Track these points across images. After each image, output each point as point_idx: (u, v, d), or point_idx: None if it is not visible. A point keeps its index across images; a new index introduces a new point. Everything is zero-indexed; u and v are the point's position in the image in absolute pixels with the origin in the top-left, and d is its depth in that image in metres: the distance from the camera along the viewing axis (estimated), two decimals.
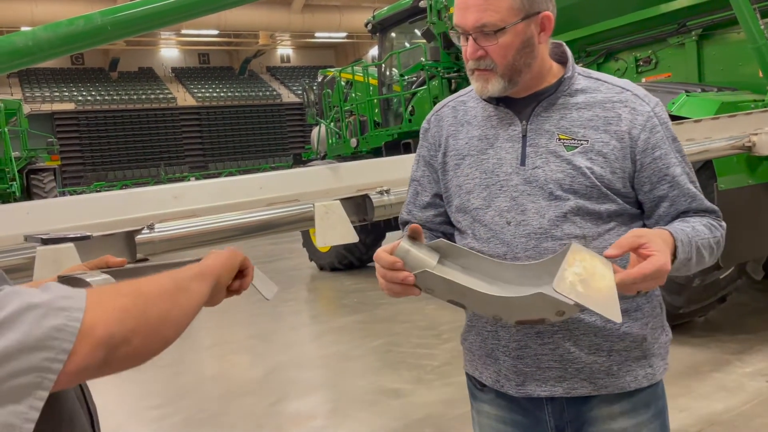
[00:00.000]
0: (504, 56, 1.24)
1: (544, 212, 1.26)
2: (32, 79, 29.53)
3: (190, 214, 1.64)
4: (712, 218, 1.31)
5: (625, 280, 1.07)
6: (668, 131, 1.30)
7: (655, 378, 1.33)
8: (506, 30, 1.22)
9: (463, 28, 1.25)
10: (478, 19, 1.22)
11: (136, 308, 0.76)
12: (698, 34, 4.95)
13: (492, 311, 1.13)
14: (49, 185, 12.43)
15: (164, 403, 4.11)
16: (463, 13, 1.24)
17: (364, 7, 28.27)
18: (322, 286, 7.67)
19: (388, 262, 1.14)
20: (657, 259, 1.08)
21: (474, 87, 1.31)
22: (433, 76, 7.06)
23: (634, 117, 1.27)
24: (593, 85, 1.32)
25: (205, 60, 35.55)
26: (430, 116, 1.47)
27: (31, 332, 0.66)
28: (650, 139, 1.27)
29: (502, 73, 1.26)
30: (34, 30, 1.77)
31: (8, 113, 13.12)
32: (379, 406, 3.75)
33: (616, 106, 1.28)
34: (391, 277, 1.15)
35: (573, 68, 1.33)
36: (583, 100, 1.30)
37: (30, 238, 1.33)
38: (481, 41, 1.24)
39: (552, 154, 1.27)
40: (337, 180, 2.04)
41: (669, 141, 1.29)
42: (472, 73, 1.29)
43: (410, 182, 1.50)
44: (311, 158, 9.82)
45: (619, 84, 1.33)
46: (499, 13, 1.21)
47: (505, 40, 1.23)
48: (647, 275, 1.07)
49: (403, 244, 1.15)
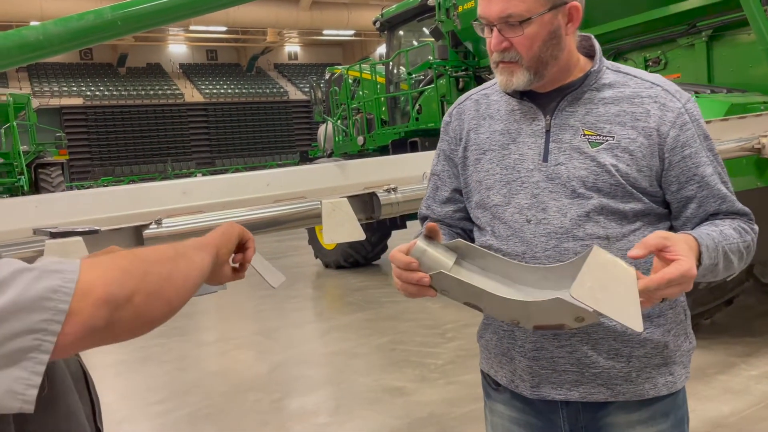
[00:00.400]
0: (530, 48, 1.20)
1: (565, 211, 1.22)
2: (41, 74, 29.66)
3: (198, 209, 1.64)
4: (743, 221, 1.25)
5: (649, 285, 1.02)
6: (700, 129, 1.24)
7: (676, 386, 1.29)
8: (532, 20, 1.17)
9: (488, 18, 1.21)
10: (503, 9, 1.18)
11: (134, 269, 0.74)
12: (708, 35, 4.92)
13: (509, 315, 1.10)
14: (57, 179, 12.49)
15: (168, 398, 4.12)
16: (487, 3, 1.20)
17: (372, 5, 28.25)
18: (327, 284, 7.68)
19: (404, 262, 1.12)
20: (681, 264, 1.03)
21: (498, 80, 1.26)
22: (441, 74, 7.05)
23: (664, 113, 1.21)
24: (622, 80, 1.27)
25: (212, 56, 35.63)
26: (452, 109, 1.42)
27: (24, 293, 0.64)
28: (680, 137, 1.21)
29: (527, 65, 1.21)
30: (44, 24, 1.77)
31: (17, 107, 13.19)
32: (382, 404, 3.75)
33: (645, 102, 1.23)
34: (406, 278, 1.12)
35: (601, 62, 1.27)
36: (611, 94, 1.25)
37: (39, 231, 1.33)
38: (505, 32, 1.19)
39: (576, 150, 1.23)
40: (344, 177, 2.04)
41: (700, 139, 1.23)
42: (497, 66, 1.25)
43: (430, 176, 1.46)
44: (318, 156, 9.83)
45: (649, 79, 1.27)
46: (526, 3, 1.17)
47: (531, 31, 1.18)
48: (672, 280, 1.02)
49: (420, 243, 1.12)
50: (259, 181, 1.86)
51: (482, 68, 6.95)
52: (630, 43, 5.46)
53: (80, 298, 0.67)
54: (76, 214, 1.55)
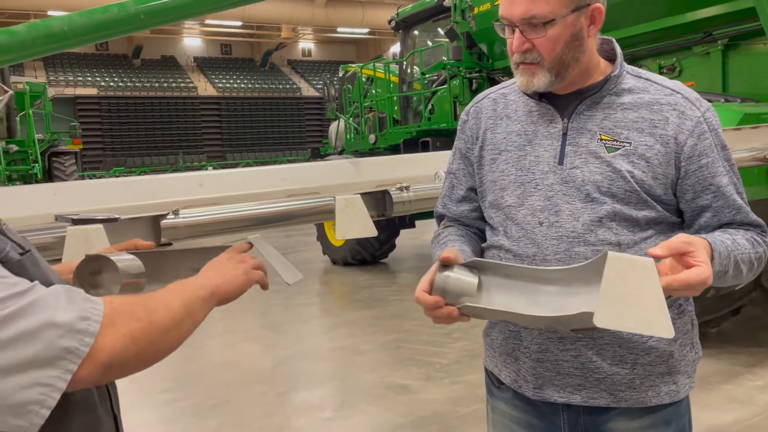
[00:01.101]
0: (552, 49, 1.19)
1: (578, 215, 1.22)
2: (56, 63, 29.88)
3: (213, 201, 1.68)
4: (756, 233, 1.25)
5: (671, 285, 1.03)
6: (718, 138, 1.23)
7: (679, 395, 1.28)
8: (555, 22, 1.17)
9: (510, 19, 1.20)
10: (526, 10, 1.17)
11: (144, 337, 0.80)
12: (724, 44, 4.92)
13: (544, 326, 1.11)
14: (70, 168, 12.60)
15: (175, 387, 4.17)
16: (510, 4, 1.19)
17: (388, 4, 28.27)
18: (335, 280, 7.71)
19: (430, 303, 1.12)
20: (703, 271, 1.04)
21: (518, 81, 1.26)
22: (455, 75, 7.06)
23: (682, 121, 1.21)
24: (642, 85, 1.26)
25: (227, 51, 35.76)
26: (469, 108, 1.42)
27: (46, 351, 0.70)
28: (697, 146, 1.20)
29: (549, 67, 1.21)
30: (70, 15, 1.81)
31: (33, 96, 13.30)
32: (386, 401, 3.78)
33: (664, 109, 1.22)
34: (436, 316, 1.13)
35: (622, 66, 1.27)
36: (630, 100, 1.24)
37: (60, 217, 1.37)
38: (528, 33, 1.19)
39: (591, 154, 1.22)
40: (357, 175, 2.07)
41: (718, 149, 1.22)
42: (517, 67, 1.24)
43: (446, 175, 1.46)
44: (328, 153, 9.87)
45: (670, 86, 1.26)
46: (549, 5, 1.16)
47: (554, 32, 1.18)
48: (691, 285, 1.04)
49: (439, 276, 1.12)
50: (274, 176, 1.90)
51: (496, 70, 6.96)
52: (645, 49, 5.46)
53: (87, 361, 0.74)
54: (96, 202, 1.59)
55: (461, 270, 1.13)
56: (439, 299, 1.11)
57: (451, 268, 1.13)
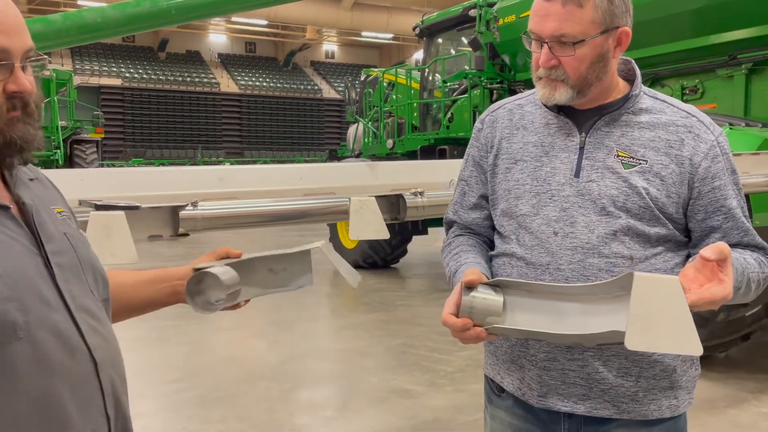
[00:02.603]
0: (577, 68, 1.22)
1: (593, 227, 1.24)
2: (83, 52, 30.27)
3: (233, 196, 1.71)
4: (762, 254, 1.29)
5: (697, 303, 1.05)
6: (729, 162, 1.28)
7: (679, 410, 1.31)
8: (585, 42, 1.19)
9: (539, 35, 1.22)
10: (557, 28, 1.19)
11: None
12: (748, 68, 4.90)
13: (570, 342, 1.14)
14: (91, 156, 12.76)
15: (182, 378, 4.22)
16: (541, 20, 1.21)
17: (413, 10, 28.33)
18: (344, 282, 7.68)
19: (458, 326, 1.14)
20: (726, 287, 1.07)
21: (539, 93, 1.28)
22: (476, 85, 7.09)
23: (698, 144, 1.25)
24: (658, 106, 1.30)
25: (251, 49, 36.06)
26: (485, 116, 1.44)
27: None
28: (711, 168, 1.25)
29: (573, 84, 1.24)
30: (103, 8, 1.86)
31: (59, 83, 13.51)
32: (389, 404, 3.80)
33: (680, 131, 1.26)
34: (464, 338, 1.15)
35: (640, 86, 1.30)
36: (647, 119, 1.28)
37: (84, 202, 1.41)
38: (556, 50, 1.21)
39: (608, 169, 1.25)
40: (373, 177, 2.10)
41: (728, 172, 1.27)
42: (539, 80, 1.26)
43: (458, 182, 1.48)
44: (346, 155, 9.92)
45: (685, 109, 1.30)
46: (581, 25, 1.19)
47: (582, 52, 1.20)
48: (716, 302, 1.07)
49: (465, 298, 1.14)
50: (293, 174, 1.93)
51: (517, 82, 6.98)
52: (669, 69, 5.46)
53: None
54: (119, 189, 1.63)
55: (485, 289, 1.15)
56: (468, 321, 1.13)
57: (476, 288, 1.15)
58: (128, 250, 1.35)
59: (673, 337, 0.99)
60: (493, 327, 1.12)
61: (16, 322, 0.83)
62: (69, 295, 0.92)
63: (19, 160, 0.94)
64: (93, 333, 0.93)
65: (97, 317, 0.96)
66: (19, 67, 0.91)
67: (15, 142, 0.92)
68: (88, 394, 0.91)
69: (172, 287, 1.24)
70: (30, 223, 0.93)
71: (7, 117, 0.91)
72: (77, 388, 0.89)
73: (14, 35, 0.91)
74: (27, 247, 0.90)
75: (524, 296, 1.16)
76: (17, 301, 0.84)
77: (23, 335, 0.84)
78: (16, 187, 0.96)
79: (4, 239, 0.88)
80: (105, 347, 0.95)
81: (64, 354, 0.88)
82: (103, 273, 1.04)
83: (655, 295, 1.00)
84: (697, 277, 1.08)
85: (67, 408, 0.88)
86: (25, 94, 0.92)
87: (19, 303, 0.84)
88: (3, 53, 0.90)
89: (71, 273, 0.95)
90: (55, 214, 1.01)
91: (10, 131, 0.91)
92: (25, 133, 0.92)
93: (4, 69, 0.90)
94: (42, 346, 0.86)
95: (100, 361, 0.93)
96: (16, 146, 0.92)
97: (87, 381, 0.91)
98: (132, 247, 1.36)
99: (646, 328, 0.98)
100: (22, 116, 0.92)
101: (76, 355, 0.90)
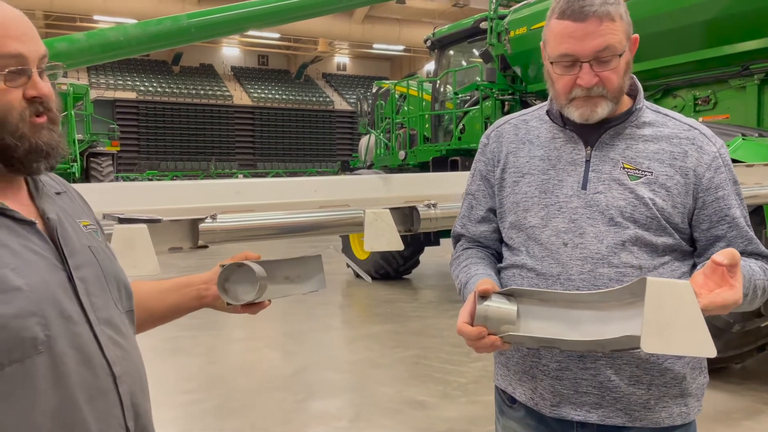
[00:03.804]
0: (616, 80, 1.25)
1: (602, 237, 1.27)
2: (98, 66, 30.67)
3: (250, 208, 1.75)
4: (765, 262, 1.31)
5: (708, 306, 1.07)
6: (731, 173, 1.32)
7: (689, 417, 1.32)
8: (624, 52, 1.23)
9: (578, 56, 1.22)
10: (601, 44, 1.21)
11: None
12: (761, 79, 4.89)
13: (584, 349, 1.16)
14: (107, 169, 12.92)
15: (197, 389, 4.26)
16: (578, 40, 1.21)
17: (424, 23, 28.51)
18: (357, 293, 7.77)
19: (474, 335, 1.15)
20: (736, 292, 1.09)
21: (575, 113, 1.28)
22: (487, 96, 7.12)
23: (701, 156, 1.29)
24: (661, 120, 1.34)
25: (264, 62, 36.40)
26: (490, 132, 1.48)
27: None
28: (714, 179, 1.29)
29: (612, 97, 1.26)
30: (125, 26, 1.92)
31: (76, 97, 13.72)
32: (402, 416, 3.80)
33: (683, 143, 1.30)
34: (479, 346, 1.16)
35: (643, 100, 1.34)
36: (651, 132, 1.31)
37: (108, 216, 1.46)
38: (596, 67, 1.23)
39: (615, 181, 1.28)
40: (387, 190, 2.13)
41: (731, 183, 1.31)
42: (571, 101, 1.27)
43: (465, 196, 1.50)
44: (358, 167, 9.97)
45: (687, 122, 1.34)
46: (617, 35, 1.22)
47: (620, 63, 1.24)
48: (727, 306, 1.09)
49: (480, 307, 1.15)
50: (308, 187, 1.97)
51: (529, 93, 7.01)
52: (681, 80, 5.45)
53: None
54: (140, 203, 1.67)
55: (499, 298, 1.17)
56: (482, 330, 1.14)
57: (490, 298, 1.16)
58: (150, 261, 1.39)
59: (688, 339, 1.01)
60: (508, 335, 1.14)
61: (37, 337, 0.85)
62: (91, 310, 0.93)
63: (46, 166, 0.94)
64: (113, 346, 0.94)
65: (119, 330, 0.98)
66: (36, 72, 0.92)
67: (41, 148, 0.92)
68: (107, 407, 0.92)
69: (197, 291, 1.28)
70: (54, 238, 0.93)
71: (31, 122, 0.92)
72: (96, 401, 0.90)
73: (29, 41, 0.92)
74: (51, 261, 0.91)
75: (538, 305, 1.18)
76: (39, 316, 0.85)
77: (43, 349, 0.85)
78: (41, 200, 0.97)
79: (29, 255, 0.89)
80: (125, 360, 0.96)
81: (83, 367, 0.89)
82: (127, 285, 1.06)
83: (668, 299, 1.02)
84: (707, 283, 1.11)
85: (86, 421, 0.88)
86: (44, 98, 0.92)
87: (41, 318, 0.85)
88: (20, 59, 0.90)
89: (95, 286, 0.96)
90: (80, 227, 1.02)
91: (36, 137, 0.92)
92: (50, 139, 0.93)
93: (22, 75, 0.91)
94: (61, 360, 0.87)
95: (119, 374, 0.94)
96: (42, 152, 0.92)
97: (106, 394, 0.92)
98: (154, 258, 1.40)
99: (661, 330, 1.00)
100: (47, 123, 0.93)
101: (95, 369, 0.91)
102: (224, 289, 1.26)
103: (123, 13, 24.02)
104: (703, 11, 4.87)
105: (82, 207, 1.11)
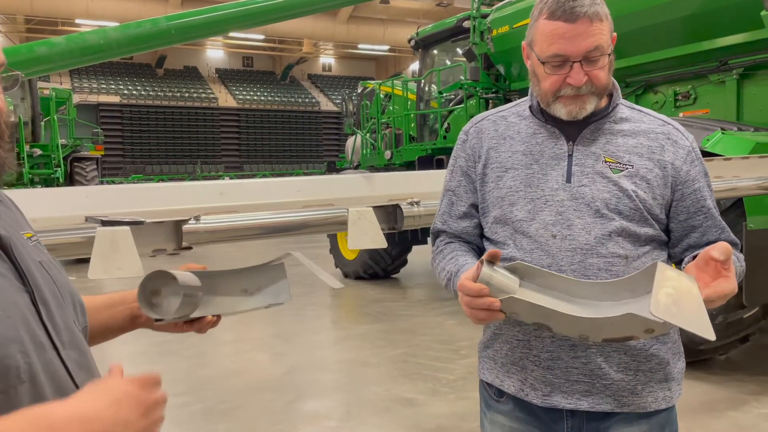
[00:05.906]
0: (604, 77, 1.30)
1: (590, 229, 1.30)
2: (81, 70, 30.38)
3: (233, 209, 1.76)
4: (736, 250, 1.36)
5: (711, 296, 1.11)
6: (703, 166, 1.39)
7: (672, 401, 1.38)
8: (611, 50, 1.29)
9: (569, 55, 1.26)
10: (592, 44, 1.25)
11: None
12: (739, 73, 4.96)
13: (579, 331, 1.15)
14: (91, 174, 12.79)
15: (186, 392, 4.25)
16: (569, 41, 1.25)
17: (408, 22, 28.56)
18: (346, 294, 7.77)
19: (475, 290, 1.15)
20: (732, 281, 1.14)
21: (563, 111, 1.32)
22: (471, 95, 7.16)
23: (677, 149, 1.35)
24: (636, 116, 1.39)
25: (248, 63, 36.26)
26: (468, 128, 1.49)
27: None
28: (690, 172, 1.35)
29: (599, 93, 1.32)
30: (105, 29, 1.91)
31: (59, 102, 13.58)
32: (392, 413, 3.82)
33: (659, 137, 1.36)
34: (477, 305, 1.16)
35: (619, 97, 1.39)
36: (628, 127, 1.37)
37: (90, 219, 1.46)
38: (586, 66, 1.27)
39: (598, 174, 1.33)
40: (370, 188, 2.15)
41: (703, 175, 1.38)
42: (558, 98, 1.31)
43: (444, 192, 1.51)
44: (344, 167, 9.98)
45: (660, 117, 1.41)
46: (605, 35, 1.27)
47: (607, 60, 1.28)
48: (726, 296, 1.13)
49: (485, 269, 1.15)
50: (291, 187, 1.98)
51: (512, 91, 7.05)
52: (661, 76, 5.52)
53: None
54: (123, 205, 1.68)
55: (504, 271, 1.18)
56: (484, 287, 1.15)
57: (496, 268, 1.17)
58: (134, 263, 1.39)
59: (691, 317, 1.04)
60: (507, 298, 1.13)
61: (20, 366, 0.78)
62: (54, 333, 0.86)
63: None
64: (80, 370, 0.89)
65: (81, 351, 0.92)
66: None
67: None
68: None
69: (130, 310, 1.13)
70: (10, 256, 0.85)
71: None
72: None
73: None
74: (13, 282, 0.84)
75: (538, 285, 1.20)
76: (18, 342, 0.79)
77: (26, 378, 0.79)
78: None
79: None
80: None
81: (57, 395, 0.83)
82: (80, 299, 0.99)
83: (674, 281, 1.08)
84: (702, 276, 1.15)
85: None
86: None
87: (20, 344, 0.79)
88: None
89: (54, 305, 0.88)
90: (26, 240, 0.92)
91: None
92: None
93: None
94: (42, 389, 0.81)
95: None
96: None
97: None
98: (138, 260, 1.40)
99: (668, 305, 1.03)
100: None
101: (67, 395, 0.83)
102: (150, 303, 1.09)
103: (106, 16, 23.83)
104: (682, 7, 4.93)
105: (19, 216, 0.99)
